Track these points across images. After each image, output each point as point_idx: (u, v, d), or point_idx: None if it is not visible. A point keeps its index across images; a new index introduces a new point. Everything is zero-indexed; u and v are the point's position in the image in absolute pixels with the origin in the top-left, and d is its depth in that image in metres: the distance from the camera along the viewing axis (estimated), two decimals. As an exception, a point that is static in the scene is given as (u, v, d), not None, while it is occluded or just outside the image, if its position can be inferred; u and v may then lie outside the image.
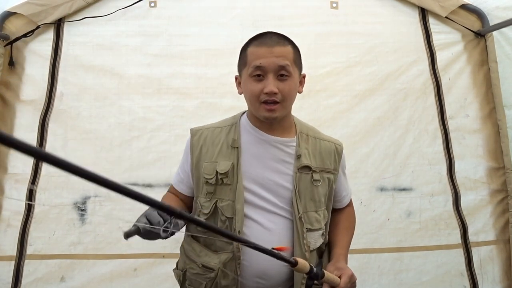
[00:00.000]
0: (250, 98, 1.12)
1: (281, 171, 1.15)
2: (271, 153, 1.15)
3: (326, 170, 1.20)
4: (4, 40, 1.93)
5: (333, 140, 1.27)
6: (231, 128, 1.19)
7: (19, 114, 1.98)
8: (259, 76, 1.08)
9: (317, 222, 1.16)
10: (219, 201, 1.13)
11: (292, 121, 1.23)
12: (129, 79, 2.04)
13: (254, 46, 1.10)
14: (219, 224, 1.13)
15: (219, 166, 1.13)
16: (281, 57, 1.07)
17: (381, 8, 2.14)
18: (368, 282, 2.07)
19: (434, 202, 2.11)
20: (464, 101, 2.14)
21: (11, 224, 1.94)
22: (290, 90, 1.10)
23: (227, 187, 1.13)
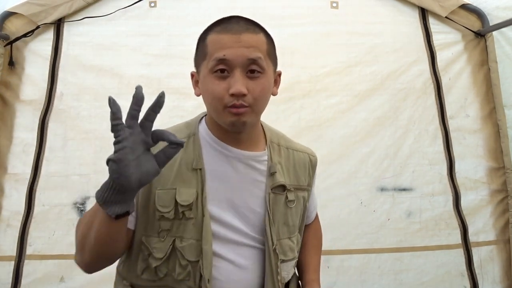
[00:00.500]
0: (211, 102, 0.86)
1: (252, 194, 0.93)
2: (241, 172, 0.93)
3: (301, 188, 1.02)
4: (4, 40, 1.93)
5: (307, 150, 1.09)
6: (188, 141, 0.92)
7: (19, 114, 1.98)
8: (222, 72, 0.84)
9: (291, 251, 0.98)
10: (178, 240, 0.88)
11: (261, 129, 1.00)
12: (129, 79, 2.04)
13: (216, 33, 0.86)
14: (178, 270, 0.87)
15: (180, 195, 0.87)
16: (251, 48, 0.84)
17: (381, 8, 2.14)
18: (368, 282, 2.07)
19: (434, 202, 2.11)
20: (465, 101, 2.14)
21: (10, 224, 1.94)
22: (263, 90, 0.86)
23: (189, 222, 0.88)
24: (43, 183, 1.96)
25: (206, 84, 0.87)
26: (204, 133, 0.94)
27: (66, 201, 1.97)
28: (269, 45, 0.90)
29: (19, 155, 1.97)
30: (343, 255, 2.05)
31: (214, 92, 0.84)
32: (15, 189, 1.96)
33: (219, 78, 0.84)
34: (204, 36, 0.90)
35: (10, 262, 1.92)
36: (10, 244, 1.93)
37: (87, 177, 1.98)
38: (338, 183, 2.06)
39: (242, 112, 0.84)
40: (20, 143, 1.97)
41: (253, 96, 0.84)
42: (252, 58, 0.84)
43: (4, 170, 1.96)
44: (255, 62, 0.84)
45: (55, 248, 1.94)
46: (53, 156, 1.98)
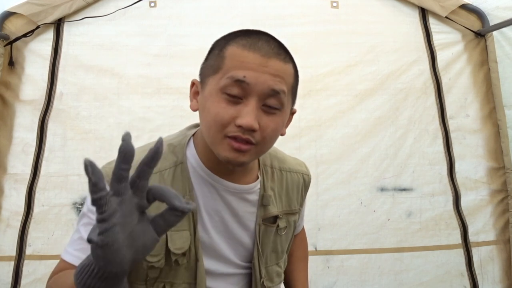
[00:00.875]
0: (211, 126, 0.72)
1: (242, 225, 0.86)
2: (233, 206, 0.84)
3: (292, 212, 0.95)
4: (4, 40, 1.93)
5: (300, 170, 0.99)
6: (175, 171, 0.80)
7: (18, 114, 1.98)
8: (234, 98, 0.71)
9: (278, 276, 0.93)
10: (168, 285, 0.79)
11: None
12: (128, 79, 2.04)
13: (241, 47, 0.73)
14: None
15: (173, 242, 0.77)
16: (278, 78, 0.72)
17: (381, 8, 2.14)
18: (369, 282, 2.07)
19: (434, 202, 2.11)
20: (465, 101, 2.14)
21: (10, 224, 1.93)
22: (276, 130, 0.75)
23: (180, 267, 0.79)
24: (43, 183, 1.96)
25: (210, 103, 0.73)
26: (193, 162, 0.82)
27: (66, 201, 1.96)
28: (295, 79, 0.78)
29: (19, 155, 1.96)
30: (343, 255, 2.06)
31: (217, 116, 0.71)
32: (14, 189, 1.95)
33: (228, 102, 0.71)
34: (223, 45, 0.76)
35: (10, 262, 1.92)
36: (10, 244, 1.92)
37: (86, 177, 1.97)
38: (338, 183, 2.06)
39: (244, 150, 0.72)
40: (19, 143, 1.97)
41: (263, 134, 0.72)
42: (276, 89, 0.71)
43: (3, 170, 1.95)
44: (277, 95, 0.72)
45: (54, 248, 1.94)
46: (53, 156, 1.98)
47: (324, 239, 2.05)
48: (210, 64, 0.77)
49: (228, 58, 0.73)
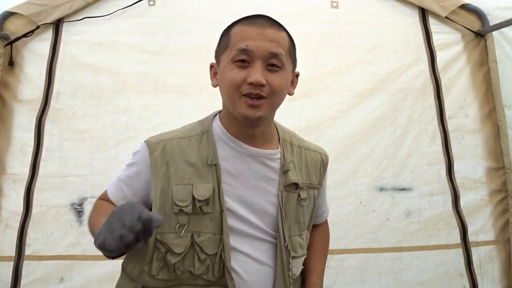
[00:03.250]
0: (228, 89, 0.88)
1: (265, 191, 0.95)
2: (254, 169, 0.94)
3: (312, 186, 1.03)
4: (4, 40, 1.93)
5: (319, 149, 1.10)
6: (202, 138, 0.95)
7: (17, 114, 1.97)
8: (243, 62, 0.86)
9: (301, 247, 1.00)
10: (196, 235, 0.90)
11: (274, 128, 1.03)
12: (125, 77, 2.03)
13: (241, 25, 0.90)
14: (197, 265, 0.89)
15: (197, 190, 0.89)
16: (274, 42, 0.87)
17: (381, 8, 2.14)
18: (368, 281, 2.07)
19: (433, 202, 2.11)
20: (464, 101, 2.14)
21: (9, 224, 1.94)
22: (281, 85, 0.88)
23: (206, 216, 0.90)
24: (41, 184, 1.96)
25: (225, 73, 0.88)
26: (218, 130, 0.96)
27: (64, 202, 1.96)
28: (290, 44, 0.92)
29: (17, 155, 1.96)
30: (343, 254, 2.06)
31: (232, 79, 0.86)
32: (13, 190, 1.95)
33: (239, 67, 0.86)
34: (228, 29, 0.93)
35: (9, 263, 1.92)
36: (9, 245, 1.92)
37: (83, 178, 1.98)
38: (337, 183, 2.06)
39: (257, 105, 0.86)
40: (18, 143, 1.97)
41: (271, 88, 0.86)
42: (274, 52, 0.86)
43: (2, 170, 1.95)
44: (276, 56, 0.86)
45: (53, 249, 1.94)
46: (50, 157, 1.98)
47: (324, 239, 2.05)
48: (221, 45, 0.93)
49: (233, 36, 0.89)
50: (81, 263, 1.95)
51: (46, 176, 1.97)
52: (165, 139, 0.96)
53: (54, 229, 1.96)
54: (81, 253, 1.95)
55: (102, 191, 1.95)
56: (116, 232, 0.70)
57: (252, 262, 0.93)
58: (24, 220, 1.94)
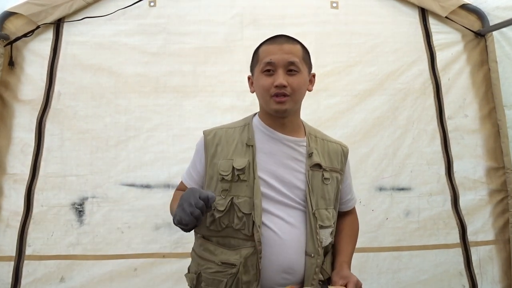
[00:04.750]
0: (261, 93, 1.17)
1: (294, 169, 1.18)
2: (284, 151, 1.19)
3: (334, 170, 1.24)
4: (4, 40, 1.93)
5: (339, 142, 1.33)
6: (244, 128, 1.24)
7: (17, 114, 1.98)
8: (269, 72, 1.14)
9: (328, 219, 1.19)
10: (235, 198, 1.15)
11: (301, 123, 1.28)
12: (126, 77, 2.04)
13: (266, 45, 1.18)
14: (236, 221, 1.14)
15: (236, 162, 1.16)
16: (290, 54, 1.13)
17: (381, 8, 2.14)
18: (367, 281, 2.08)
19: (432, 202, 2.12)
20: (463, 101, 2.14)
21: (10, 224, 1.94)
22: (299, 84, 1.14)
23: (243, 183, 1.16)
24: (41, 184, 1.97)
25: (258, 81, 1.17)
26: (257, 122, 1.24)
27: (64, 202, 1.97)
28: (304, 52, 1.18)
29: (18, 155, 1.97)
30: (342, 254, 2.06)
31: (263, 85, 1.14)
32: (14, 190, 1.96)
33: (267, 76, 1.14)
34: (257, 49, 1.21)
35: (10, 263, 1.93)
36: (10, 244, 1.93)
37: (84, 178, 1.99)
38: (337, 183, 2.07)
39: (283, 101, 1.13)
40: (18, 143, 1.97)
41: (292, 87, 1.13)
42: (290, 61, 1.13)
43: (3, 170, 1.96)
44: (292, 63, 1.13)
45: (54, 249, 1.95)
46: (51, 157, 1.98)
47: (323, 238, 2.05)
48: (253, 62, 1.22)
49: (260, 53, 1.18)
50: (81, 263, 1.96)
51: (47, 176, 1.97)
52: (217, 128, 1.26)
53: (54, 229, 1.96)
54: (81, 253, 1.96)
55: (102, 190, 1.99)
56: (186, 210, 0.97)
57: (285, 224, 1.14)
58: (24, 220, 1.94)
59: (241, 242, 1.15)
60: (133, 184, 1.99)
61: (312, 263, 1.14)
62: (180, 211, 0.99)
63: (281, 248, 1.13)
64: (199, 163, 1.24)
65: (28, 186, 1.95)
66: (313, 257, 1.14)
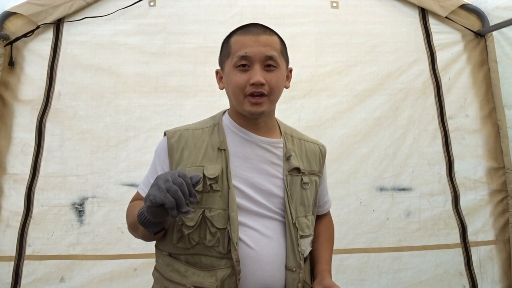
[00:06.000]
0: (234, 91, 1.01)
1: (271, 174, 1.06)
2: (259, 154, 1.07)
3: (313, 173, 1.14)
4: (4, 40, 1.93)
5: (317, 141, 1.22)
6: (213, 129, 1.09)
7: (17, 114, 1.98)
8: (244, 67, 0.99)
9: (307, 228, 1.09)
10: (207, 210, 1.00)
11: (276, 122, 1.16)
12: (126, 77, 2.04)
13: (238, 35, 1.03)
14: (208, 237, 0.99)
15: (207, 170, 1.01)
16: (268, 47, 1.00)
17: (381, 8, 2.14)
18: (368, 281, 2.08)
19: (433, 202, 2.12)
20: (464, 101, 2.14)
21: (10, 224, 1.94)
22: (278, 81, 1.02)
23: (216, 194, 1.01)
24: (42, 184, 1.97)
25: (230, 77, 1.02)
26: (227, 122, 1.10)
27: (64, 202, 1.97)
28: (282, 45, 1.05)
29: (18, 155, 1.97)
30: (343, 254, 2.06)
31: (237, 82, 1.00)
32: (14, 190, 1.96)
33: (241, 72, 1.00)
34: (227, 39, 1.06)
35: (10, 262, 1.93)
36: (10, 244, 1.93)
37: (84, 178, 1.98)
38: (337, 183, 2.06)
39: (260, 102, 1.00)
40: (19, 143, 1.97)
41: (270, 85, 1.00)
42: (269, 55, 0.99)
43: (3, 170, 1.96)
44: (271, 58, 1.00)
45: (54, 249, 1.95)
46: (51, 157, 1.98)
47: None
48: (223, 54, 1.07)
49: (232, 44, 1.03)
50: (81, 263, 1.96)
51: (47, 176, 1.97)
52: (182, 129, 1.10)
53: (54, 229, 1.96)
54: (81, 253, 1.96)
55: (102, 190, 1.98)
56: (162, 186, 0.81)
57: (262, 237, 1.02)
58: (24, 220, 1.94)
59: (214, 261, 0.99)
60: (133, 184, 1.99)
61: (294, 278, 1.03)
62: (154, 189, 0.82)
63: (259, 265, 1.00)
64: (161, 170, 1.06)
65: (28, 186, 1.95)
66: (295, 271, 1.03)
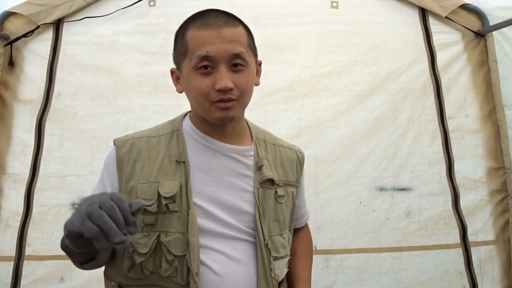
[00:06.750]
0: (196, 98, 0.85)
1: (239, 188, 0.91)
2: (226, 165, 0.91)
3: (289, 183, 0.99)
4: (4, 40, 1.93)
5: (293, 147, 1.07)
6: (171, 136, 0.92)
7: (17, 114, 1.97)
8: (206, 68, 0.82)
9: (283, 247, 0.95)
10: (163, 235, 0.85)
11: (246, 125, 1.00)
12: (126, 77, 2.03)
13: (196, 29, 0.84)
14: (164, 266, 0.85)
15: (163, 187, 0.86)
16: (234, 42, 0.83)
17: (381, 8, 2.13)
18: (368, 281, 2.07)
19: (433, 202, 2.11)
20: (464, 101, 2.14)
21: (9, 224, 1.94)
22: (248, 82, 0.86)
23: (173, 215, 0.86)
24: (41, 184, 1.96)
25: (190, 81, 0.85)
26: (188, 128, 0.94)
27: (64, 202, 1.96)
28: (248, 37, 0.89)
29: (18, 155, 1.96)
30: (343, 254, 2.06)
31: (199, 88, 0.83)
32: (13, 189, 1.95)
33: (203, 75, 0.83)
34: (182, 33, 0.87)
35: (10, 263, 1.92)
36: (9, 244, 1.92)
37: (84, 178, 1.98)
38: (337, 183, 2.06)
39: (230, 107, 0.83)
40: (18, 143, 1.97)
41: (240, 89, 0.84)
42: (235, 53, 0.83)
43: (3, 170, 1.95)
44: (238, 56, 0.83)
45: (54, 249, 1.94)
46: (51, 157, 1.98)
47: (323, 238, 2.05)
48: (178, 52, 0.88)
49: (190, 41, 0.84)
50: (81, 263, 1.96)
51: (47, 176, 1.97)
52: (134, 137, 0.93)
53: (54, 229, 1.96)
54: (81, 253, 1.96)
55: (102, 191, 1.97)
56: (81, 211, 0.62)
57: (229, 261, 0.88)
58: (24, 220, 1.94)
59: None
60: (133, 184, 1.99)
61: None
62: (74, 214, 0.65)
63: None
64: (110, 186, 0.89)
65: (28, 186, 1.95)
66: None
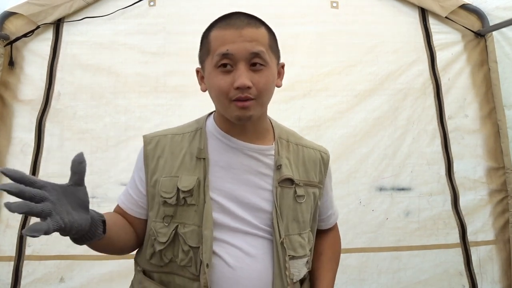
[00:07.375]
0: (217, 96, 0.88)
1: (258, 186, 0.93)
2: (245, 164, 0.94)
3: (311, 184, 1.00)
4: (4, 40, 1.93)
5: (318, 147, 1.06)
6: (195, 134, 0.97)
7: (17, 114, 1.97)
8: (226, 67, 0.85)
9: (301, 247, 0.95)
10: (181, 226, 0.90)
11: (269, 124, 1.01)
12: (126, 77, 2.03)
13: (219, 29, 0.88)
14: (181, 255, 0.89)
15: (181, 182, 0.90)
16: (254, 42, 0.85)
17: (381, 8, 2.14)
18: (367, 281, 2.08)
19: (432, 202, 2.12)
20: (464, 101, 2.14)
21: (10, 224, 1.94)
22: (267, 83, 0.87)
23: (191, 208, 0.90)
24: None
25: (211, 79, 0.88)
26: (211, 127, 0.98)
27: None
28: (270, 38, 0.91)
29: (18, 155, 1.96)
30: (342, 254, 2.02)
31: (219, 86, 0.86)
32: (13, 189, 1.95)
33: (223, 73, 0.86)
34: (207, 33, 0.91)
35: (10, 263, 1.92)
36: (10, 245, 1.93)
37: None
38: (337, 183, 2.04)
39: (247, 106, 0.85)
40: (18, 143, 1.97)
41: (258, 88, 0.85)
42: (255, 52, 0.85)
43: (2, 170, 1.96)
44: (257, 55, 0.85)
45: (54, 249, 1.94)
46: (51, 157, 1.98)
47: (323, 238, 2.05)
48: (203, 51, 0.93)
49: (212, 41, 0.88)
50: (81, 263, 1.96)
51: (47, 176, 1.96)
52: (160, 134, 0.99)
53: (54, 229, 1.96)
54: (81, 253, 1.95)
55: (102, 190, 1.98)
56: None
57: (244, 255, 0.90)
58: (24, 220, 1.93)
59: (187, 282, 0.90)
60: (133, 184, 1.99)
61: None
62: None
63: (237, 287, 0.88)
64: (139, 181, 0.96)
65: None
66: None
